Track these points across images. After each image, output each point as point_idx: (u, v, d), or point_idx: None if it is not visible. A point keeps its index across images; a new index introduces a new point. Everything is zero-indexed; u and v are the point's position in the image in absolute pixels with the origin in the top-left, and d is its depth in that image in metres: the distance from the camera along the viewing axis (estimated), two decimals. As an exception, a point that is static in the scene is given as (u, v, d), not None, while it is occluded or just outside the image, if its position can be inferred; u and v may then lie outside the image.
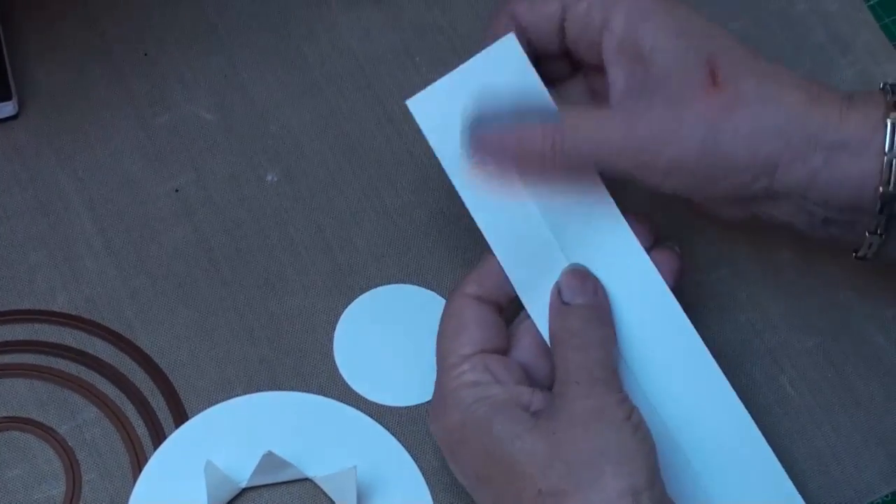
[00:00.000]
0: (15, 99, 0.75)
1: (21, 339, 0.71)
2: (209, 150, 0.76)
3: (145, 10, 0.80)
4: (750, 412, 0.66)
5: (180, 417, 0.69)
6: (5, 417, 0.69)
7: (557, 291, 0.65)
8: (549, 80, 0.70)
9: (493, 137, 0.67)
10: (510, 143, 0.67)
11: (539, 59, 0.70)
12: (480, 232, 0.68)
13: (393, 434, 0.70)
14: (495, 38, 0.69)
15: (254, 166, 0.76)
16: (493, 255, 0.67)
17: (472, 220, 0.68)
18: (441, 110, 0.69)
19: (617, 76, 0.66)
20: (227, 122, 0.77)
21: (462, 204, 0.68)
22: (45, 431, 0.69)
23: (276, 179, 0.76)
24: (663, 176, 0.65)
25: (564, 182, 0.68)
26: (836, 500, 0.69)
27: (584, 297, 0.66)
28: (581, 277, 0.65)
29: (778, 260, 0.75)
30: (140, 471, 0.68)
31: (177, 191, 0.75)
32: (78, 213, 0.74)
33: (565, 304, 0.65)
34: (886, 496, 0.68)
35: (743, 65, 0.65)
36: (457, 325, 0.66)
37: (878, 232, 0.65)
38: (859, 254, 0.67)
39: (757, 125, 0.64)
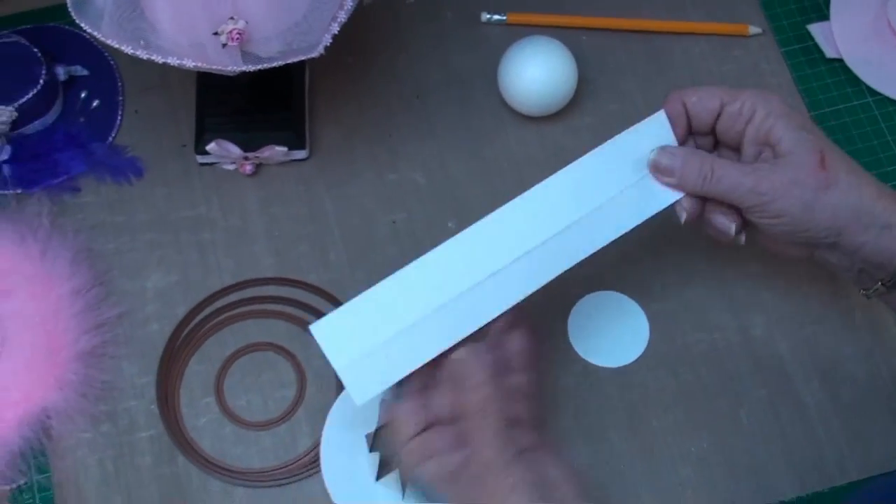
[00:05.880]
0: (308, 148, 0.89)
1: (285, 296, 0.85)
2: (417, 200, 0.88)
3: (392, 109, 0.92)
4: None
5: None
6: (267, 342, 0.83)
7: None
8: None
9: (665, 164, 0.73)
10: (677, 166, 0.74)
11: (691, 133, 0.77)
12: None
13: None
14: (667, 111, 0.75)
15: (442, 215, 0.88)
16: None
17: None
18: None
19: (751, 152, 0.75)
20: (431, 185, 0.89)
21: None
22: (289, 354, 0.82)
23: (454, 226, 0.87)
24: (773, 217, 0.73)
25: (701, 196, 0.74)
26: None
27: None
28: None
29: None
30: (341, 391, 0.81)
31: (394, 222, 0.87)
32: (331, 225, 0.87)
33: None
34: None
35: (842, 160, 0.73)
36: None
37: (888, 284, 0.75)
38: (868, 293, 0.76)
39: (841, 202, 0.72)
